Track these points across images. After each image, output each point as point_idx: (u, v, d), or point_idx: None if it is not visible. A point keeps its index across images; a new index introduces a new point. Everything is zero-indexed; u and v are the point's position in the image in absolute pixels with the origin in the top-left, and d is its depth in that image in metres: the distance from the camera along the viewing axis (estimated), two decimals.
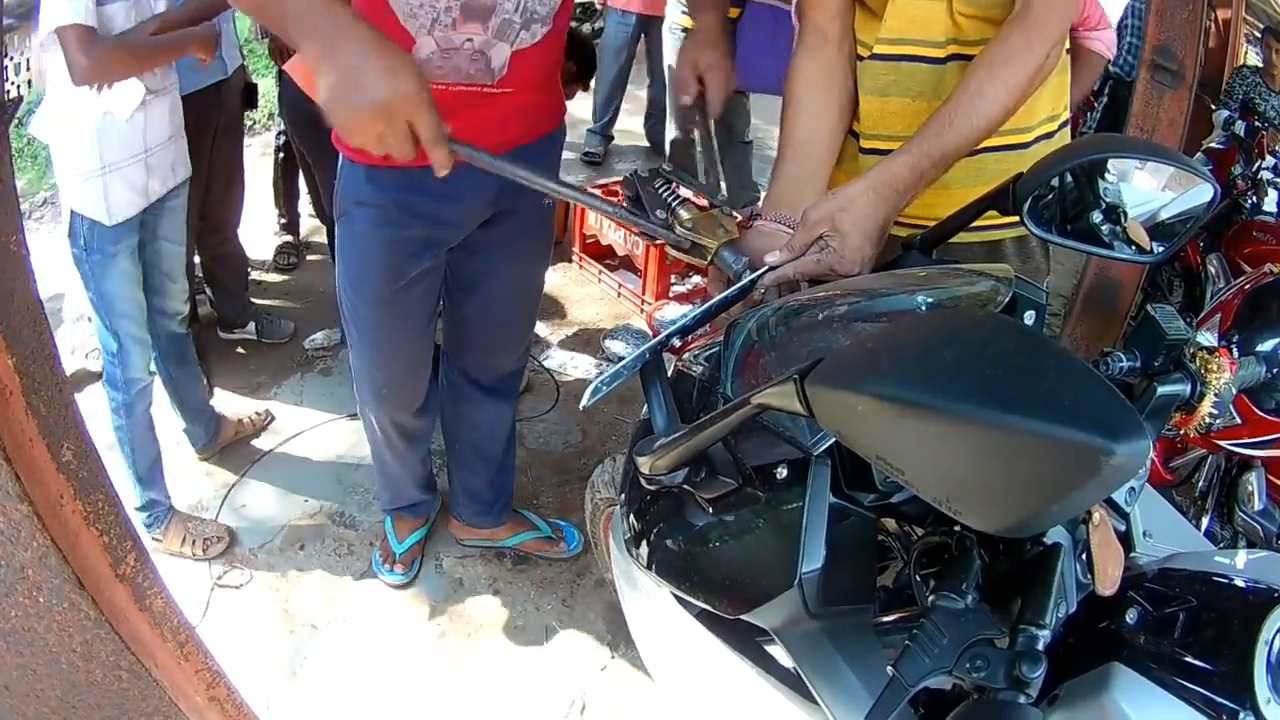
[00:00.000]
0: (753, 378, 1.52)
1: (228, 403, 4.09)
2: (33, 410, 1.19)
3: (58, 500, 1.24)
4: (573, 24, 4.20)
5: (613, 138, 7.14)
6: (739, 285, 1.74)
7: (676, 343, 1.73)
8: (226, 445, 3.83)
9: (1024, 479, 0.81)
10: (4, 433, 1.12)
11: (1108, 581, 1.12)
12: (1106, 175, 1.58)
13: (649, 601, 1.79)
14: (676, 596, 1.61)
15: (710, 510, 1.43)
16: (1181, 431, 1.39)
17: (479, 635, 3.14)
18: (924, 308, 1.44)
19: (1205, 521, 3.09)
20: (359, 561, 3.38)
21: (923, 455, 0.88)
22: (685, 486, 1.43)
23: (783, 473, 1.33)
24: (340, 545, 3.44)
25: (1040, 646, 0.97)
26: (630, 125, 7.41)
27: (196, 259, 4.22)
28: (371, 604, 3.22)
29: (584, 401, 1.60)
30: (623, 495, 1.72)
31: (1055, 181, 1.57)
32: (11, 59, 5.75)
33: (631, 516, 1.65)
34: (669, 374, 1.71)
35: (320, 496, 3.67)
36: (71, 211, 2.89)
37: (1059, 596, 1.04)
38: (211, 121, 3.83)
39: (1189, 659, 1.08)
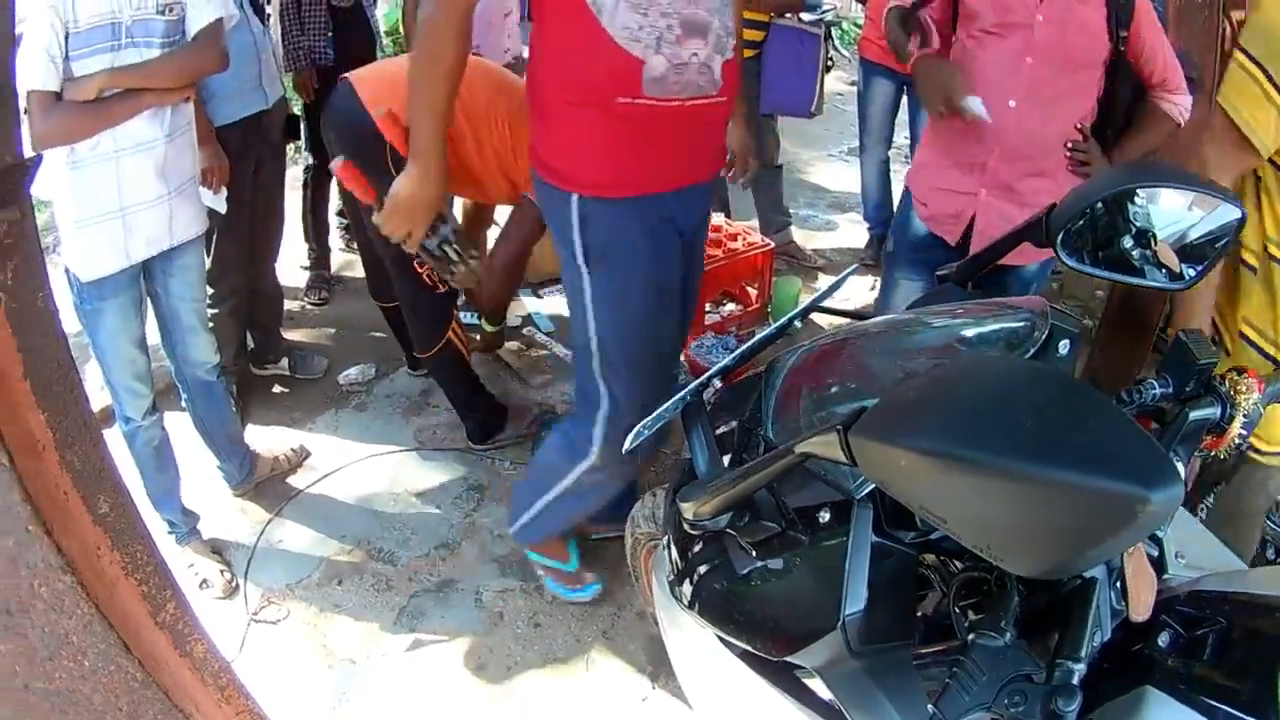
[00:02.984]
0: (793, 419, 1.56)
1: (262, 439, 4.10)
2: (66, 464, 1.20)
3: (95, 551, 1.25)
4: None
5: None
6: (778, 324, 1.77)
7: (718, 384, 1.75)
8: (262, 482, 3.84)
9: (1063, 527, 0.84)
10: (39, 488, 1.13)
11: (1141, 609, 1.16)
12: (1136, 199, 1.60)
13: (691, 638, 1.78)
14: (719, 637, 1.62)
15: (754, 553, 1.44)
16: (1213, 454, 1.41)
17: (519, 668, 3.12)
18: (962, 346, 1.49)
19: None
20: (398, 596, 3.37)
21: (964, 505, 0.91)
22: (729, 530, 1.45)
23: (825, 516, 1.36)
24: (379, 581, 3.43)
25: (1076, 680, 1.02)
26: None
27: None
28: (410, 638, 3.21)
29: (627, 445, 1.66)
30: (666, 535, 1.72)
31: (1087, 210, 1.58)
32: None
33: (675, 556, 1.66)
34: (709, 410, 1.72)
35: (357, 532, 3.66)
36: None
37: (1094, 627, 1.08)
38: (252, 152, 3.86)
39: (1218, 679, 1.10)
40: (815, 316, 3.58)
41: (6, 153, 1.12)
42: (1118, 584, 1.17)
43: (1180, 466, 1.32)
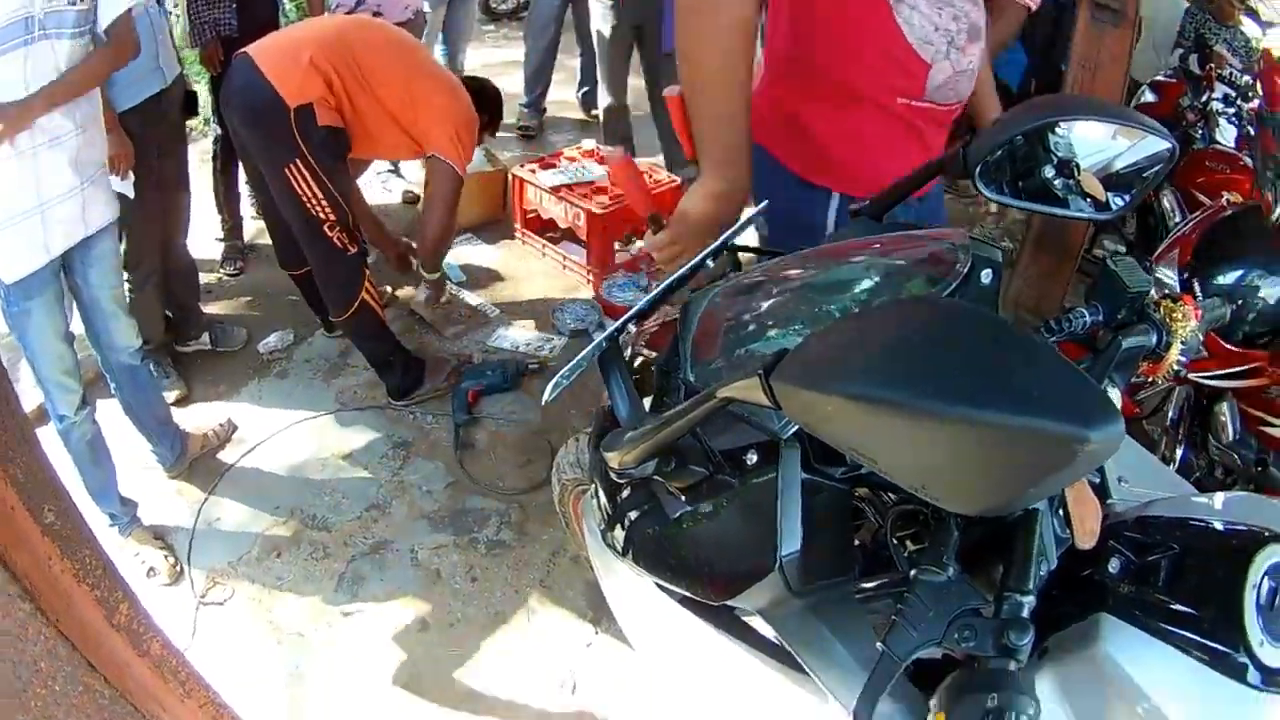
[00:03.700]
0: (711, 361, 1.53)
1: (190, 416, 4.10)
2: (10, 478, 1.21)
3: (46, 562, 1.27)
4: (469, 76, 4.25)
5: (545, 110, 7.12)
6: (690, 263, 1.68)
7: (632, 328, 1.72)
8: (194, 461, 3.85)
9: (999, 467, 0.83)
10: None
11: (1086, 535, 1.14)
12: (1057, 130, 1.56)
13: (628, 585, 1.79)
14: (657, 584, 1.62)
15: (683, 499, 1.42)
16: (1149, 381, 1.39)
17: (461, 624, 3.19)
18: (881, 280, 1.46)
19: (1179, 452, 3.11)
20: (336, 563, 3.42)
21: (895, 447, 0.90)
22: (656, 477, 1.41)
23: (753, 458, 1.32)
24: (316, 549, 3.47)
25: (1025, 613, 1.00)
26: (563, 95, 7.38)
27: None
28: (353, 605, 3.26)
29: (545, 396, 1.60)
30: (594, 482, 1.70)
31: (1006, 142, 1.54)
32: None
33: (604, 504, 1.63)
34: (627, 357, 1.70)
35: (290, 502, 3.70)
36: None
37: (1039, 557, 1.06)
38: (154, 132, 3.81)
39: (1176, 605, 1.08)
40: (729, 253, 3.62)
41: None
42: (1059, 512, 1.16)
43: (1115, 394, 1.33)
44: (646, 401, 1.65)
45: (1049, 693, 1.12)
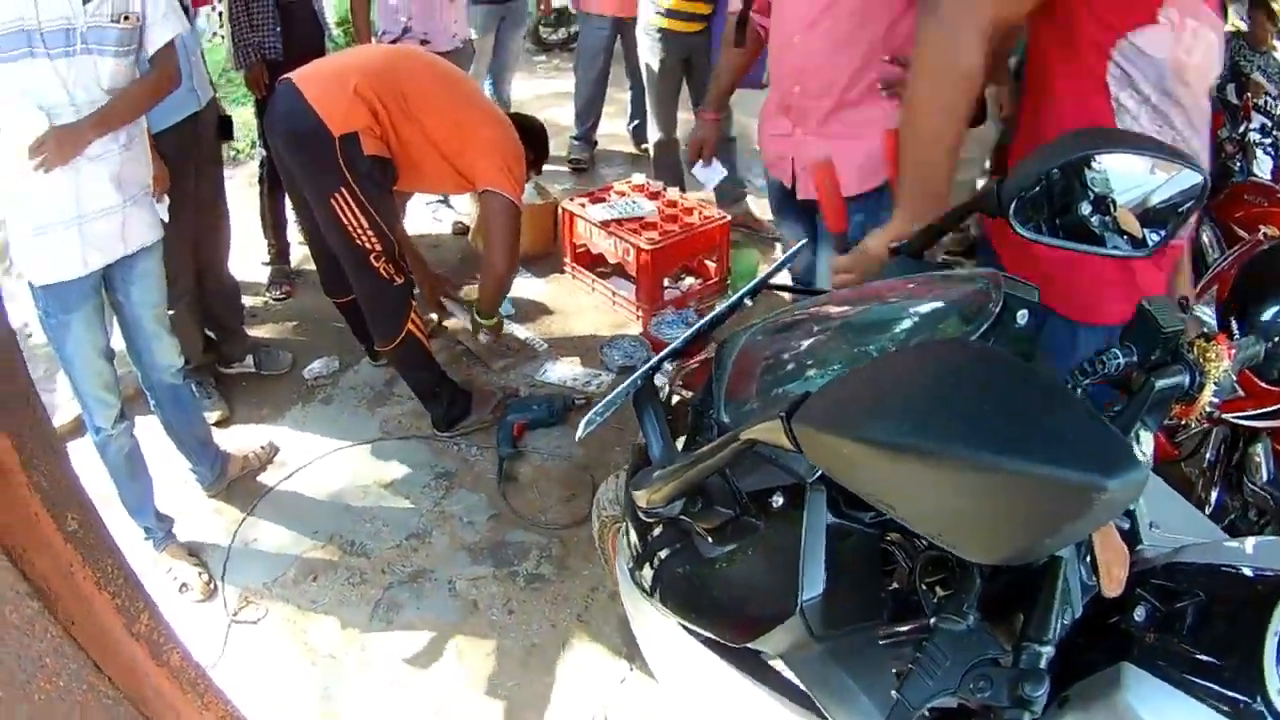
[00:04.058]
0: (744, 401, 1.54)
1: (232, 437, 4.10)
2: (35, 485, 1.20)
3: (68, 569, 1.25)
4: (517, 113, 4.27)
5: (597, 143, 7.12)
6: (728, 302, 1.72)
7: (668, 366, 1.74)
8: (233, 481, 3.84)
9: (1017, 515, 0.83)
10: (10, 515, 1.14)
11: (1113, 584, 1.13)
12: (1093, 165, 1.55)
13: (655, 624, 1.78)
14: (681, 624, 1.61)
15: (710, 540, 1.43)
16: (1182, 423, 1.36)
17: (497, 656, 3.15)
18: (915, 321, 1.46)
19: (1215, 494, 3.06)
20: (372, 589, 3.39)
21: (911, 493, 0.90)
22: (683, 517, 1.43)
23: (779, 501, 1.34)
24: (353, 574, 3.45)
25: (1043, 665, 0.99)
26: (614, 129, 7.39)
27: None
28: (388, 632, 3.23)
29: (579, 433, 1.63)
30: (625, 520, 1.72)
31: (1041, 178, 1.54)
32: None
33: (635, 541, 1.65)
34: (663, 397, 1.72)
35: (329, 527, 3.68)
36: None
37: (1063, 605, 1.05)
38: (189, 155, 3.82)
39: (1199, 655, 1.07)
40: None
41: None
42: (1087, 558, 1.17)
43: (1148, 436, 1.30)
44: (679, 441, 1.67)
45: None
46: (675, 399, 1.86)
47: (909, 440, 0.83)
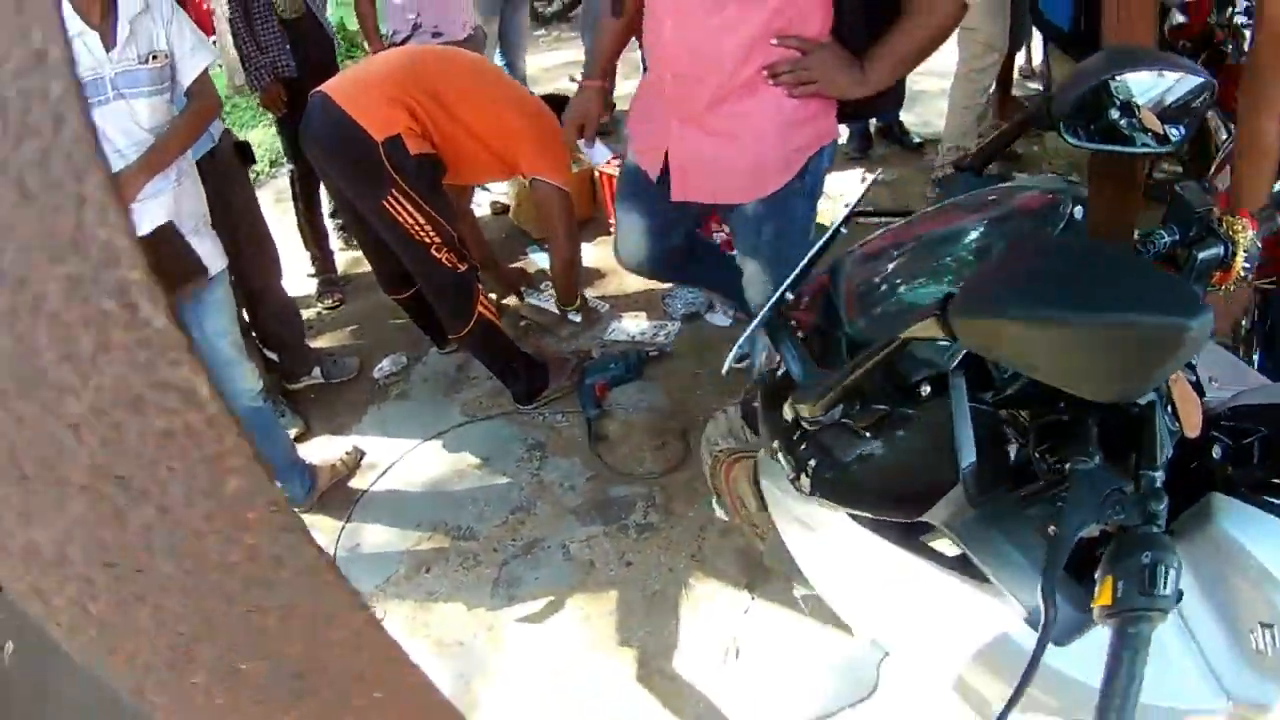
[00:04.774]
0: (872, 312, 1.83)
1: (314, 450, 4.11)
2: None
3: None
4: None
5: (615, 105, 7.02)
6: (826, 235, 1.90)
7: (789, 296, 1.89)
8: (325, 493, 3.84)
9: (1131, 358, 1.04)
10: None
11: (1192, 425, 1.33)
12: (1115, 80, 1.80)
13: (819, 527, 1.89)
14: (850, 514, 1.76)
15: (868, 435, 1.60)
16: (1223, 288, 1.60)
17: (621, 609, 3.15)
18: (1001, 228, 1.81)
19: (1256, 357, 3.20)
20: (487, 569, 3.39)
21: (1051, 354, 1.10)
22: (844, 420, 1.61)
23: (926, 390, 1.53)
24: (466, 559, 3.45)
25: (1159, 485, 1.17)
26: (629, 89, 7.23)
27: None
28: (511, 608, 3.23)
29: (726, 366, 1.92)
30: (772, 442, 1.84)
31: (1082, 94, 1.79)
32: None
33: (788, 456, 1.77)
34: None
35: (431, 517, 3.67)
36: None
37: (1162, 440, 1.23)
38: (217, 193, 3.77)
39: (1273, 478, 1.34)
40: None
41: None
42: (1169, 408, 1.32)
43: None
44: None
45: None
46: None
47: (1045, 312, 1.03)
